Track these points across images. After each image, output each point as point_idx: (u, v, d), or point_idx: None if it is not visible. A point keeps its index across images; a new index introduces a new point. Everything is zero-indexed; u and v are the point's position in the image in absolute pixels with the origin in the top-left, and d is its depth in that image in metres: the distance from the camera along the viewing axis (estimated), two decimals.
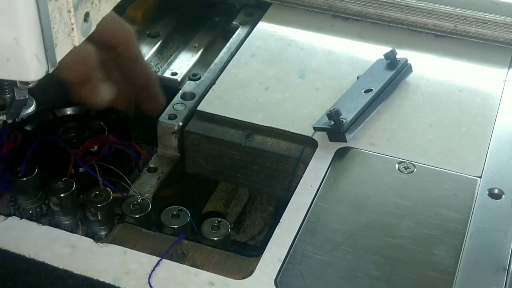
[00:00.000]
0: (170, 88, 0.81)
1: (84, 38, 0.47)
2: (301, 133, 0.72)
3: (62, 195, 0.63)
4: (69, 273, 0.57)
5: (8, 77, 0.45)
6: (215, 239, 0.62)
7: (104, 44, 0.73)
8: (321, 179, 0.66)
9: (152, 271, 0.58)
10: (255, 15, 0.91)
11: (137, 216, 0.64)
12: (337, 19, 0.89)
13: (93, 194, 0.63)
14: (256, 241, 0.84)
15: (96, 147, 0.71)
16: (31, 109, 0.57)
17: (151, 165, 0.72)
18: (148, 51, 0.87)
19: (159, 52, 0.88)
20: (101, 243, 0.60)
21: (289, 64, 0.82)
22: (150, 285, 0.56)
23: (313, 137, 0.70)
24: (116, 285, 0.57)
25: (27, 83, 0.47)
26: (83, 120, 0.74)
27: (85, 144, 0.70)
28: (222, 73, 0.80)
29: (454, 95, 0.77)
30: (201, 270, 0.58)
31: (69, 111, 0.76)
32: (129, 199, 0.66)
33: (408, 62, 0.78)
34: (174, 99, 0.76)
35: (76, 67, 0.69)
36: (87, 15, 0.47)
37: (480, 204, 0.64)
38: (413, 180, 0.67)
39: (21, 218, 0.62)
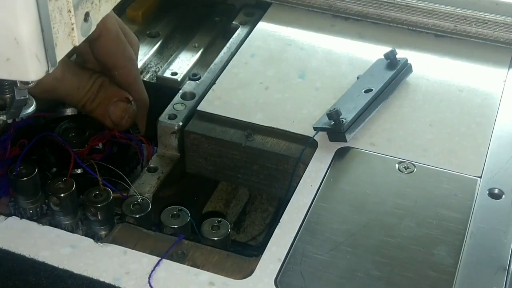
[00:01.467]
0: (170, 88, 0.81)
1: (84, 38, 0.47)
2: (301, 133, 0.72)
3: (62, 195, 0.63)
4: (69, 273, 0.57)
5: (8, 77, 0.45)
6: (215, 239, 0.62)
7: (102, 63, 0.73)
8: (321, 179, 0.66)
9: (152, 271, 0.58)
10: (255, 15, 0.91)
11: (137, 216, 0.64)
12: (337, 19, 0.89)
13: (93, 194, 0.63)
14: (256, 241, 0.84)
15: (101, 144, 0.71)
16: (31, 109, 0.57)
17: (151, 165, 0.72)
18: (148, 51, 0.87)
19: (159, 52, 0.88)
20: (101, 243, 0.60)
21: (289, 64, 0.82)
22: (150, 285, 0.56)
23: (313, 137, 0.70)
24: (116, 285, 0.57)
25: (27, 83, 0.47)
26: (83, 120, 0.74)
27: (90, 142, 0.70)
28: (222, 73, 0.80)
29: (454, 95, 0.77)
30: (201, 270, 0.58)
31: (68, 111, 0.76)
32: (129, 199, 0.66)
33: (408, 62, 0.78)
34: (174, 99, 0.76)
35: None
36: (87, 15, 0.47)
37: (480, 204, 0.64)
38: (413, 180, 0.67)
39: (21, 218, 0.62)
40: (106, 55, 0.72)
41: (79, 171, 0.68)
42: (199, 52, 0.87)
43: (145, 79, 0.84)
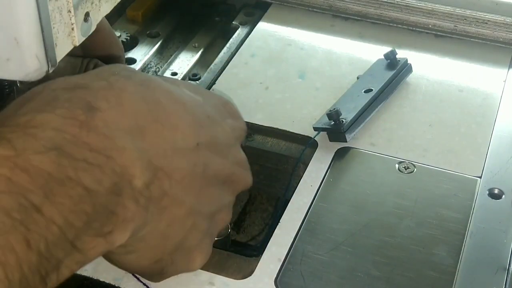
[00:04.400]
0: None
1: (84, 38, 0.47)
2: (301, 133, 0.72)
3: None
4: None
5: (8, 77, 0.45)
6: (215, 239, 0.62)
7: (97, 56, 0.73)
8: (321, 179, 0.66)
9: None
10: (255, 15, 0.91)
11: None
12: (337, 19, 0.89)
13: None
14: (256, 241, 0.84)
15: None
16: None
17: None
18: (148, 51, 0.87)
19: (159, 52, 0.88)
20: None
21: (289, 64, 0.82)
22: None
23: (314, 137, 0.70)
24: (116, 285, 0.57)
25: (27, 83, 0.47)
26: None
27: None
28: (222, 73, 0.80)
29: (454, 95, 0.77)
30: (201, 270, 0.58)
31: None
32: None
33: (408, 62, 0.78)
34: None
35: None
36: (87, 15, 0.47)
37: (480, 204, 0.64)
38: (413, 180, 0.67)
39: None
40: (103, 47, 0.71)
41: None
42: (199, 52, 0.87)
43: None
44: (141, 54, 0.86)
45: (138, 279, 0.56)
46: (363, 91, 0.74)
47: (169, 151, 0.48)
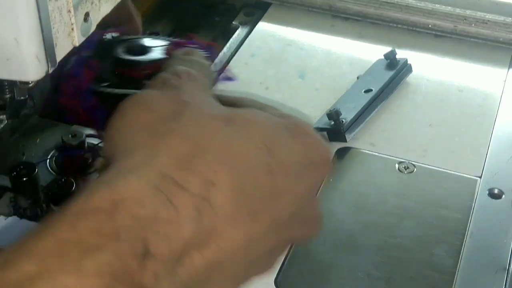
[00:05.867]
0: None
1: (84, 38, 0.47)
2: None
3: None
4: None
5: (8, 77, 0.45)
6: None
7: (115, 17, 0.71)
8: None
9: None
10: (255, 15, 0.91)
11: None
12: (337, 19, 0.89)
13: None
14: None
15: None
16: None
17: None
18: None
19: None
20: None
21: (289, 64, 0.82)
22: None
23: None
24: None
25: (27, 83, 0.47)
26: None
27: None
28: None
29: (454, 95, 0.77)
30: None
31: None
32: None
33: (408, 62, 0.78)
34: None
35: None
36: (87, 15, 0.47)
37: (480, 204, 0.64)
38: (413, 180, 0.66)
39: (21, 218, 0.62)
40: (122, 8, 0.70)
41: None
42: None
43: None
44: None
45: None
46: (363, 91, 0.74)
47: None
